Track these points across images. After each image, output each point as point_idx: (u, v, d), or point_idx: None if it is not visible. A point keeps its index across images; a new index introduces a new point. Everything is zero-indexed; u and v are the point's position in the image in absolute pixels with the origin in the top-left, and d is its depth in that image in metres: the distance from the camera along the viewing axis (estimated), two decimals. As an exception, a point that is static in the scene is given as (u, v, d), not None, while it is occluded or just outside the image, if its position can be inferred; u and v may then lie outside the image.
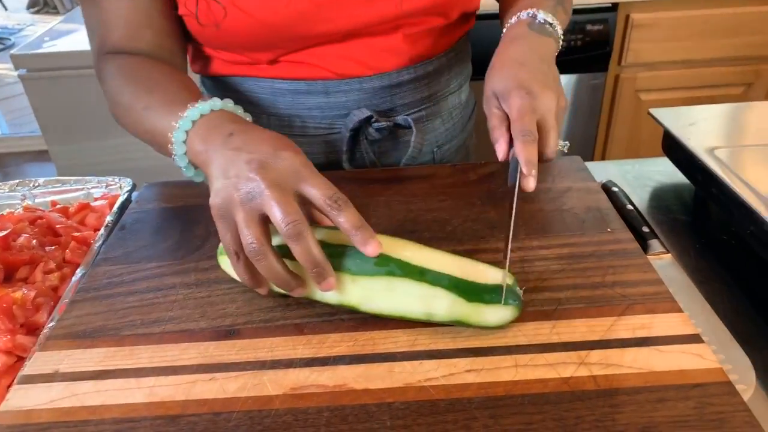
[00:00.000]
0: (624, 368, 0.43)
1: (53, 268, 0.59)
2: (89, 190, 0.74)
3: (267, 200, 0.44)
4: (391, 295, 0.47)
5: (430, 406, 0.41)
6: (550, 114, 0.55)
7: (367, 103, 0.72)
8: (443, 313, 0.46)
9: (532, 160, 0.52)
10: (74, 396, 0.44)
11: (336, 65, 0.69)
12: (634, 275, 0.52)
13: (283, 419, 0.41)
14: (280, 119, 0.74)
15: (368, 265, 0.47)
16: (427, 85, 0.75)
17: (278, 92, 0.72)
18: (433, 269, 0.47)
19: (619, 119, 1.85)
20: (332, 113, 0.72)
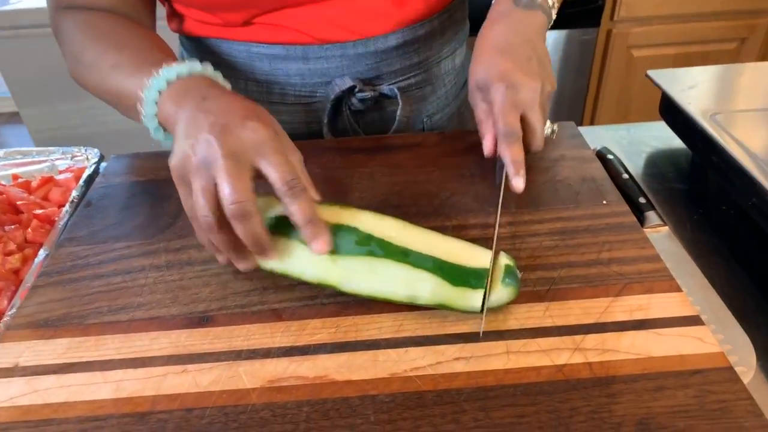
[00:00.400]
0: (621, 354, 0.41)
1: (14, 249, 0.55)
2: (53, 162, 0.69)
3: (219, 170, 0.41)
4: (372, 276, 0.44)
5: (416, 398, 0.39)
6: (533, 105, 0.52)
7: (351, 70, 0.67)
8: (427, 296, 0.43)
9: (518, 160, 0.50)
10: (35, 392, 0.41)
11: (315, 29, 0.64)
12: (631, 251, 0.49)
13: (260, 415, 0.38)
14: (258, 85, 0.69)
15: (349, 244, 0.44)
16: (416, 51, 0.69)
17: (255, 56, 0.67)
18: (418, 250, 0.44)
19: (610, 77, 1.80)
20: (313, 80, 0.68)
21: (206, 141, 0.42)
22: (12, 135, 2.76)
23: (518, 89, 0.51)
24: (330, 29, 0.64)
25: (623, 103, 1.86)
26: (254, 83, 0.69)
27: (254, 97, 0.69)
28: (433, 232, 0.46)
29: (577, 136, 0.64)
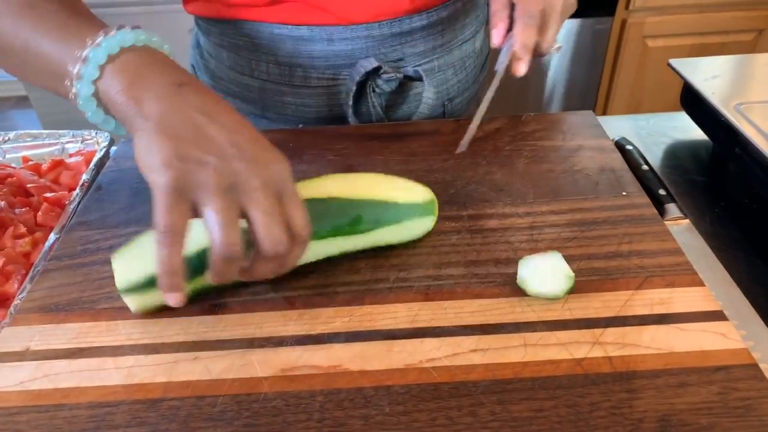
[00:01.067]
0: (642, 348, 0.40)
1: (24, 232, 0.55)
2: (64, 145, 0.68)
3: (254, 207, 0.36)
4: None
5: (432, 390, 0.38)
6: (555, 5, 0.53)
7: (375, 52, 0.66)
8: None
9: (529, 45, 0.52)
10: (46, 377, 0.40)
11: (341, 9, 0.63)
12: (652, 244, 0.48)
13: (272, 404, 0.38)
14: (280, 68, 0.68)
15: None
16: (440, 33, 0.68)
17: (278, 38, 0.65)
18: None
19: (624, 67, 1.77)
20: (337, 62, 0.66)
21: (238, 169, 0.36)
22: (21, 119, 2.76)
23: None
24: (356, 9, 0.63)
25: (637, 94, 1.83)
26: (276, 66, 0.68)
27: (275, 80, 0.69)
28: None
29: (596, 125, 0.63)
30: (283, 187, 0.38)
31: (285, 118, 0.72)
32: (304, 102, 0.70)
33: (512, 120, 0.64)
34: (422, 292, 0.45)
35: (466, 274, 0.46)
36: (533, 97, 1.86)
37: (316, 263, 0.47)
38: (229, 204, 0.36)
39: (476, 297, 0.44)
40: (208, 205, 0.35)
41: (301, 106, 0.70)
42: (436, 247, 0.49)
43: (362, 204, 0.45)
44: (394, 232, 0.47)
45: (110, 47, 0.38)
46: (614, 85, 1.82)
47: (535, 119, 0.64)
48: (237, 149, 0.37)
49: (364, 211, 0.45)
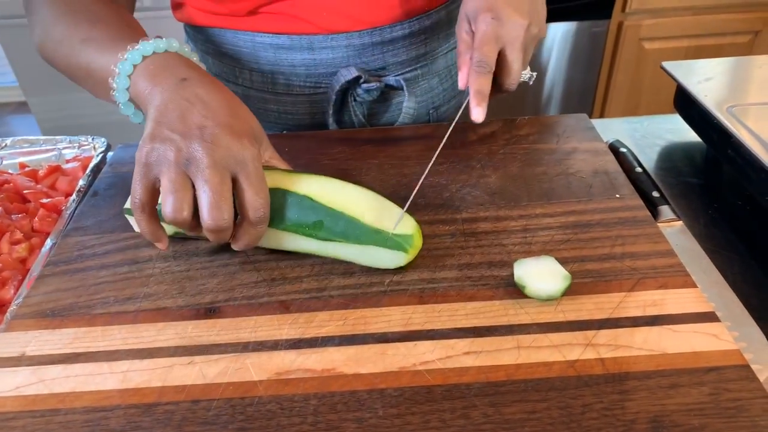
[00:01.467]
0: (634, 350, 0.40)
1: (21, 238, 0.55)
2: (60, 151, 0.69)
3: (202, 182, 0.41)
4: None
5: (425, 392, 0.38)
6: (515, 43, 0.51)
7: (356, 60, 0.66)
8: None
9: (483, 91, 0.50)
10: (42, 382, 0.41)
11: (321, 18, 0.63)
12: (645, 246, 0.48)
13: (267, 408, 0.38)
14: (262, 75, 0.68)
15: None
16: (423, 42, 0.69)
17: (260, 47, 0.66)
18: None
19: (620, 70, 1.78)
20: (318, 71, 0.67)
21: (194, 146, 0.41)
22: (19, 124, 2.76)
23: (503, 23, 0.50)
24: (336, 19, 0.63)
25: (633, 96, 1.84)
26: (259, 74, 0.68)
27: (259, 88, 0.69)
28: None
29: (590, 128, 0.63)
30: (240, 169, 0.42)
31: (268, 125, 0.72)
32: (286, 110, 0.70)
33: (506, 123, 0.65)
34: (416, 295, 0.45)
35: (460, 277, 0.46)
36: (530, 99, 1.86)
37: (312, 267, 0.48)
38: (179, 176, 0.41)
39: (470, 300, 0.44)
40: (163, 175, 0.42)
41: (284, 113, 0.71)
42: (431, 250, 0.49)
43: (329, 212, 0.45)
44: (354, 252, 0.46)
45: (144, 50, 0.47)
46: (611, 87, 1.83)
47: (529, 122, 0.65)
48: (201, 131, 0.42)
49: (328, 219, 0.45)
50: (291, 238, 0.47)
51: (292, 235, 0.46)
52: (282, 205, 0.46)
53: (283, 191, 0.46)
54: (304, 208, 0.45)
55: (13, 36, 1.69)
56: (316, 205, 0.45)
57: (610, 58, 1.79)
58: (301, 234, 0.46)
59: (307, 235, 0.45)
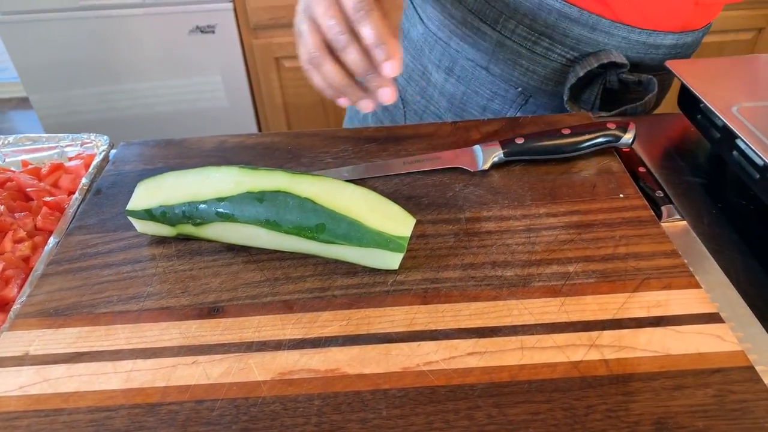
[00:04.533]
0: (638, 351, 0.40)
1: (24, 236, 0.55)
2: (63, 148, 0.69)
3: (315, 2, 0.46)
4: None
5: (429, 393, 0.38)
6: None
7: (623, 52, 0.68)
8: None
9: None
10: (46, 381, 0.41)
11: (618, 6, 0.65)
12: (649, 246, 0.48)
13: (270, 408, 0.38)
14: (530, 32, 0.69)
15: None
16: (675, 55, 0.72)
17: (545, 6, 0.67)
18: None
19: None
20: (586, 49, 0.68)
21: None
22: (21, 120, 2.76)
23: None
24: (632, 11, 0.65)
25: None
26: (527, 29, 0.69)
27: (518, 41, 0.70)
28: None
29: (593, 127, 0.63)
30: None
31: (508, 78, 0.73)
32: (535, 69, 0.71)
33: (509, 122, 0.64)
34: (420, 295, 0.45)
35: (464, 277, 0.46)
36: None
37: (315, 266, 0.48)
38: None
39: (473, 300, 0.44)
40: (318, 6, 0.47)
41: (531, 72, 0.72)
42: (434, 249, 0.49)
43: (331, 214, 0.45)
44: (355, 253, 0.46)
45: None
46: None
47: (532, 121, 0.65)
48: None
49: (330, 221, 0.45)
50: (293, 240, 0.47)
51: (292, 237, 0.46)
52: (283, 207, 0.46)
53: (284, 194, 0.46)
54: (305, 211, 0.45)
55: (15, 32, 1.69)
56: (317, 207, 0.45)
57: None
58: (303, 237, 0.45)
59: (308, 238, 0.45)
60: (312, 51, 0.48)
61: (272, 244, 0.48)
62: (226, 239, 0.49)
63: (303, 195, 0.45)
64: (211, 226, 0.48)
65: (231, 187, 0.47)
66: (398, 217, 0.46)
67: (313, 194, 0.46)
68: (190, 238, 0.51)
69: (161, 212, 0.48)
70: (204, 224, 0.48)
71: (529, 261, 0.47)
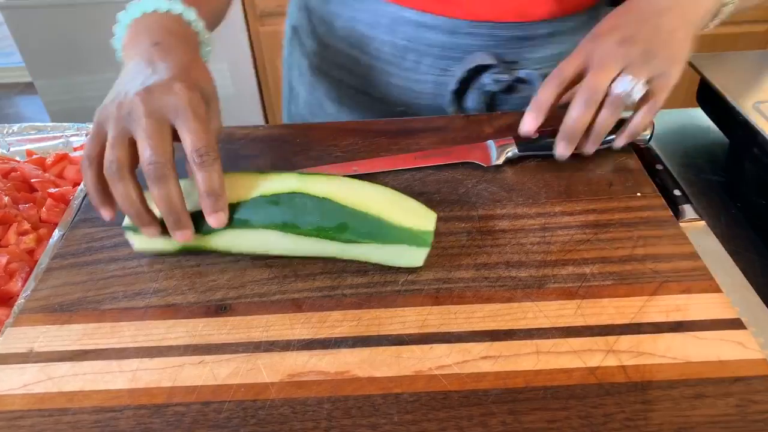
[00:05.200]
0: (657, 357, 0.39)
1: (28, 228, 0.54)
2: (68, 138, 0.67)
3: (140, 130, 0.41)
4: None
5: (442, 398, 0.37)
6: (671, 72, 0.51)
7: (494, 51, 0.65)
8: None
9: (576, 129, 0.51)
10: (50, 380, 0.40)
11: (469, 3, 0.62)
12: (668, 248, 0.47)
13: (279, 411, 0.37)
14: (394, 48, 0.67)
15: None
16: (563, 42, 0.67)
17: (401, 20, 0.65)
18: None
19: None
20: (452, 55, 0.66)
21: (132, 99, 0.42)
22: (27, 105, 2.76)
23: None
24: (484, 7, 0.62)
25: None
26: (390, 46, 0.67)
27: (386, 60, 0.68)
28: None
29: (609, 122, 0.61)
30: (176, 115, 0.42)
31: (388, 98, 0.72)
32: (410, 87, 0.70)
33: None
34: (432, 295, 0.44)
35: (477, 277, 0.45)
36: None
37: (324, 264, 0.47)
38: (120, 129, 0.42)
39: (487, 301, 0.43)
40: (109, 131, 0.42)
41: (407, 90, 0.70)
42: (446, 248, 0.48)
43: (353, 213, 0.44)
44: (379, 252, 0.44)
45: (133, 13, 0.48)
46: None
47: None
48: (143, 86, 0.42)
49: (351, 220, 0.43)
50: (310, 244, 0.45)
51: (312, 240, 0.44)
52: (301, 209, 0.44)
53: (300, 195, 0.44)
54: (325, 211, 0.44)
55: (20, 17, 1.67)
56: (337, 206, 0.44)
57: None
58: (323, 237, 0.44)
59: (329, 239, 0.44)
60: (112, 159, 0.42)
61: (287, 249, 0.46)
62: (236, 248, 0.47)
63: (321, 195, 0.44)
64: (220, 235, 0.45)
65: (241, 192, 0.45)
66: (419, 212, 0.45)
67: (330, 193, 0.44)
68: (193, 251, 0.48)
69: (164, 224, 0.44)
70: (212, 233, 0.45)
71: (544, 261, 0.46)
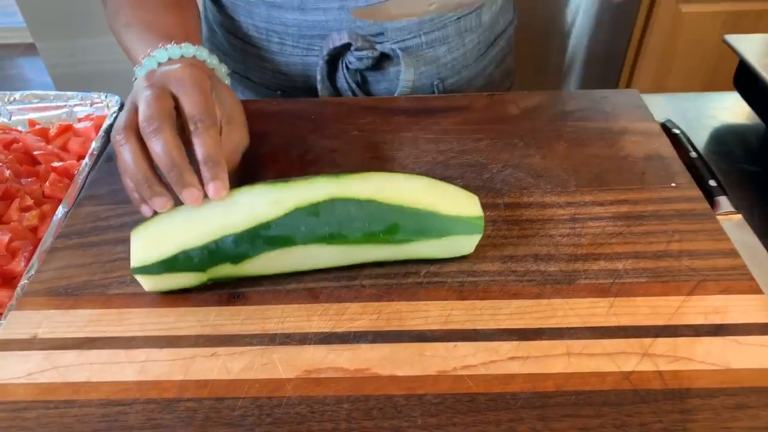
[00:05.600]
0: (695, 363, 0.37)
1: (31, 204, 0.52)
2: (72, 108, 0.65)
3: (141, 96, 0.41)
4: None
5: (468, 401, 0.35)
6: None
7: (351, 24, 0.60)
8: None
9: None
10: (55, 369, 0.38)
11: None
12: (705, 243, 0.44)
13: (296, 410, 0.35)
14: (258, 32, 0.65)
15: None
16: (429, 6, 0.61)
17: (253, 3, 0.62)
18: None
19: (653, 35, 1.69)
20: (310, 33, 0.62)
21: (139, 79, 0.43)
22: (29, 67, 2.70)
23: None
24: None
25: (664, 67, 1.75)
26: (255, 30, 0.65)
27: (255, 44, 0.66)
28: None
29: (641, 106, 0.58)
30: (177, 87, 0.42)
31: (265, 83, 0.69)
32: (281, 70, 0.67)
33: (551, 97, 0.60)
34: (455, 289, 0.42)
35: (503, 271, 0.43)
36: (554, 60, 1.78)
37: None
38: (131, 104, 0.43)
39: (514, 297, 0.41)
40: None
41: (278, 73, 0.67)
42: (470, 238, 0.45)
43: (401, 211, 0.40)
44: (432, 247, 0.42)
45: (159, 58, 0.46)
46: (641, 54, 1.74)
47: (575, 96, 0.60)
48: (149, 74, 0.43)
49: (402, 219, 0.40)
50: (359, 251, 0.41)
51: (355, 246, 0.41)
52: (345, 216, 0.40)
53: (341, 201, 0.40)
54: (371, 214, 0.40)
55: (20, -25, 1.62)
56: (383, 207, 0.40)
57: (643, 21, 1.70)
58: (373, 243, 0.40)
59: (379, 243, 0.41)
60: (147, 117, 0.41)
61: (333, 261, 0.42)
62: (275, 270, 0.42)
63: (363, 197, 0.40)
64: (257, 259, 0.40)
65: (271, 209, 0.40)
66: (462, 197, 0.43)
67: (372, 193, 0.40)
68: (223, 281, 0.43)
69: (185, 258, 0.39)
70: (247, 258, 0.40)
71: (574, 255, 0.43)
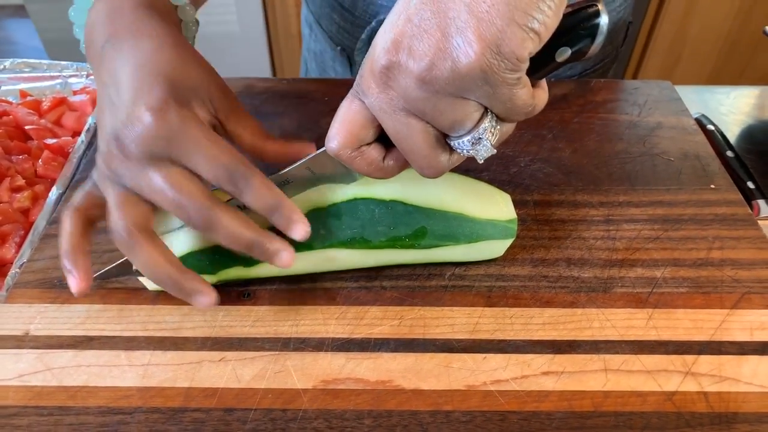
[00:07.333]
0: (742, 384, 0.34)
1: (23, 185, 0.48)
2: (66, 79, 0.60)
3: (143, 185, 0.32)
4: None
5: (499, 420, 0.33)
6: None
7: None
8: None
9: None
10: (49, 371, 0.35)
11: None
12: (748, 252, 0.41)
13: (313, 425, 0.32)
14: None
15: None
16: None
17: None
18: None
19: (665, 21, 1.65)
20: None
21: (111, 154, 0.32)
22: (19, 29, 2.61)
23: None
24: None
25: (673, 54, 1.71)
26: None
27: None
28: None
29: (676, 99, 0.55)
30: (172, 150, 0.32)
31: (331, 34, 0.67)
32: (346, 28, 0.64)
33: (580, 86, 0.56)
34: (483, 294, 0.39)
35: (534, 276, 0.40)
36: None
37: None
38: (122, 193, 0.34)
39: (546, 305, 0.38)
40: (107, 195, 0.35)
41: (343, 29, 0.64)
42: (497, 237, 0.42)
43: (429, 213, 0.37)
44: (460, 251, 0.39)
45: None
46: (652, 39, 1.70)
47: (605, 86, 0.56)
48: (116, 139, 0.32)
49: (430, 222, 0.37)
50: (381, 255, 0.38)
51: (379, 251, 0.38)
52: (369, 218, 0.37)
53: (364, 201, 0.37)
54: (397, 217, 0.37)
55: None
56: (410, 209, 0.37)
57: (657, 4, 1.66)
58: (399, 247, 0.37)
59: (405, 248, 0.37)
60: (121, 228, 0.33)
61: (351, 264, 0.39)
62: (287, 272, 0.38)
63: (387, 197, 0.37)
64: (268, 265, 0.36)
65: None
66: (494, 196, 0.39)
67: (398, 194, 0.37)
68: (232, 282, 0.40)
69: (193, 261, 0.36)
70: (259, 261, 0.37)
71: (609, 260, 0.41)
